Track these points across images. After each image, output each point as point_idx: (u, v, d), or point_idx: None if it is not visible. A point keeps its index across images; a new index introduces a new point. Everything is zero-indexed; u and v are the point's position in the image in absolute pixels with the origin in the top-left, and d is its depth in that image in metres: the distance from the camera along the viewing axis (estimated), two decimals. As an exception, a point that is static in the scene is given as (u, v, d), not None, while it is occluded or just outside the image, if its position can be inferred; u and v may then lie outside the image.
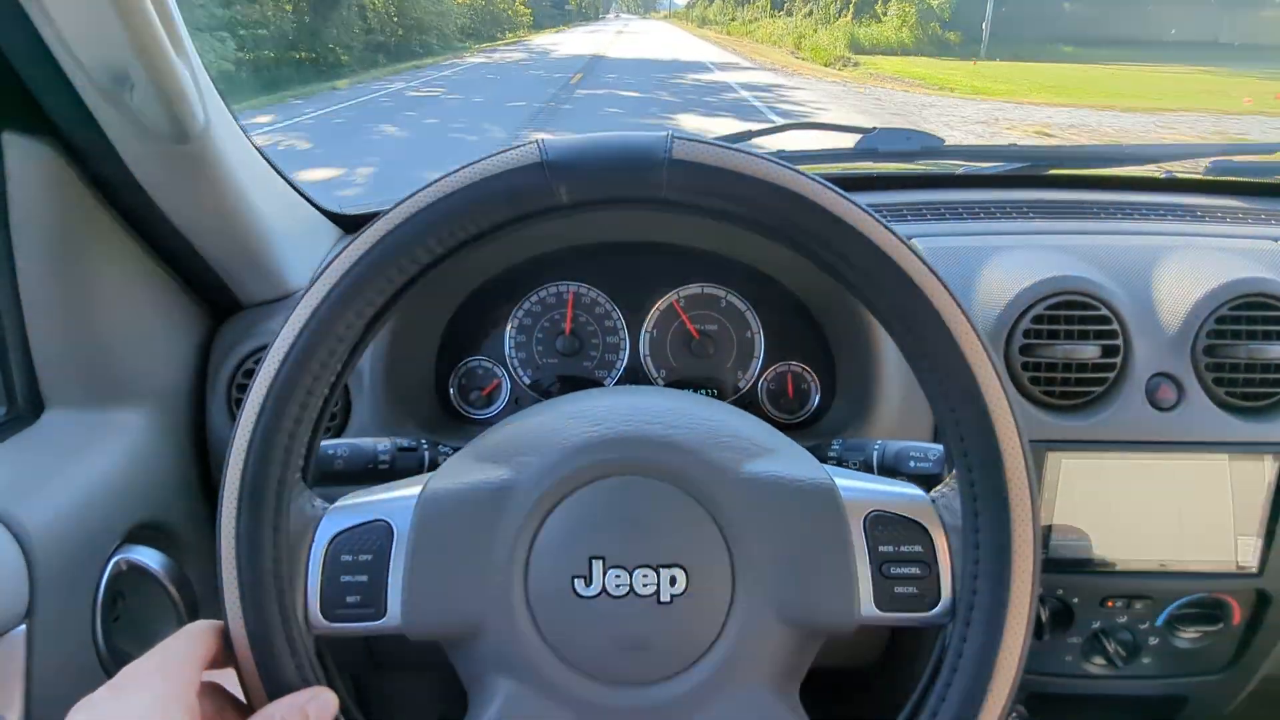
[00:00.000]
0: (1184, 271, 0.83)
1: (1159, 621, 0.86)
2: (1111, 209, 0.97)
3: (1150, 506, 0.82)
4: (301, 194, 0.91)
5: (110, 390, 0.72)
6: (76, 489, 0.65)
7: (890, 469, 0.65)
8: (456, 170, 0.45)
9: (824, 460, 0.63)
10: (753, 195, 0.45)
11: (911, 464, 0.64)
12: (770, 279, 0.89)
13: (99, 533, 0.66)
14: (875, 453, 0.67)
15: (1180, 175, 1.07)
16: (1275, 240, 0.89)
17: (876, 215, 0.45)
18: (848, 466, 0.68)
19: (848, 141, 1.06)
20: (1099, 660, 0.87)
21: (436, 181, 0.45)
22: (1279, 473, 0.81)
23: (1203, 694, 0.90)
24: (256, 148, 0.81)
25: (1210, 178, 1.04)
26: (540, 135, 0.48)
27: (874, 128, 1.06)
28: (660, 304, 0.92)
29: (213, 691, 0.46)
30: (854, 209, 0.45)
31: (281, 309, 0.85)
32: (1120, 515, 0.83)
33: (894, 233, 0.45)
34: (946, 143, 1.05)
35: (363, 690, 1.00)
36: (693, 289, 0.91)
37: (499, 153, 0.45)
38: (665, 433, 0.49)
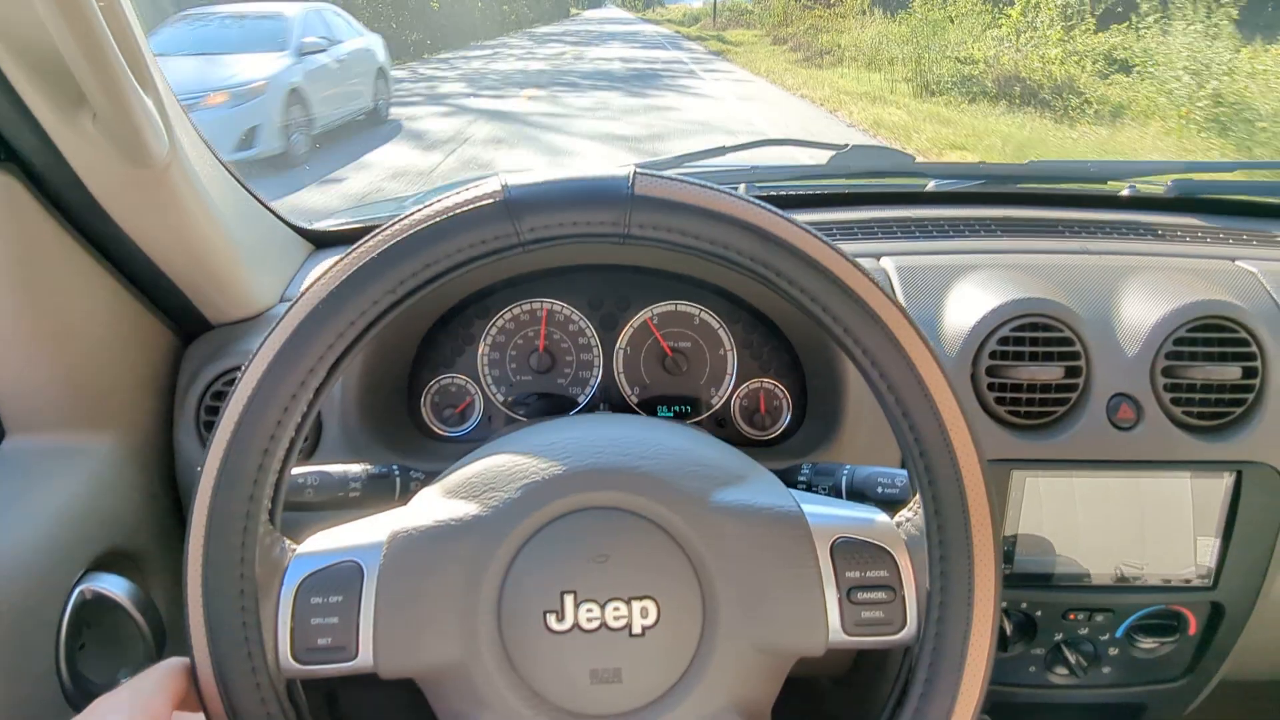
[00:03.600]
0: (1144, 293, 0.85)
1: (1119, 633, 0.88)
2: (1076, 227, 0.99)
3: (1111, 523, 0.84)
4: (270, 210, 0.90)
5: (73, 415, 0.71)
6: (37, 517, 0.64)
7: (858, 494, 0.66)
8: (420, 209, 0.45)
9: (793, 484, 0.64)
10: (717, 232, 0.45)
11: (879, 490, 0.65)
12: (741, 300, 0.90)
13: (61, 561, 0.65)
14: (844, 478, 0.68)
15: (1144, 194, 1.10)
16: (1233, 260, 0.91)
17: (847, 255, 0.46)
18: (817, 491, 0.69)
19: (821, 158, 1.07)
20: (1061, 670, 0.90)
21: (401, 219, 0.45)
22: (1232, 490, 0.83)
23: (1160, 701, 0.93)
24: (225, 166, 0.80)
25: (1172, 196, 1.07)
26: (505, 171, 0.49)
27: (847, 145, 1.07)
28: (634, 321, 0.92)
29: None
30: (822, 246, 0.46)
31: (252, 328, 0.84)
32: (1082, 531, 0.85)
33: (859, 268, 0.46)
34: (917, 160, 1.06)
35: (337, 707, 0.99)
36: (666, 306, 0.92)
37: (462, 189, 0.45)
38: (634, 464, 0.49)
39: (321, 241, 0.97)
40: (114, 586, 0.68)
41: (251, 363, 0.45)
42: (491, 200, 0.45)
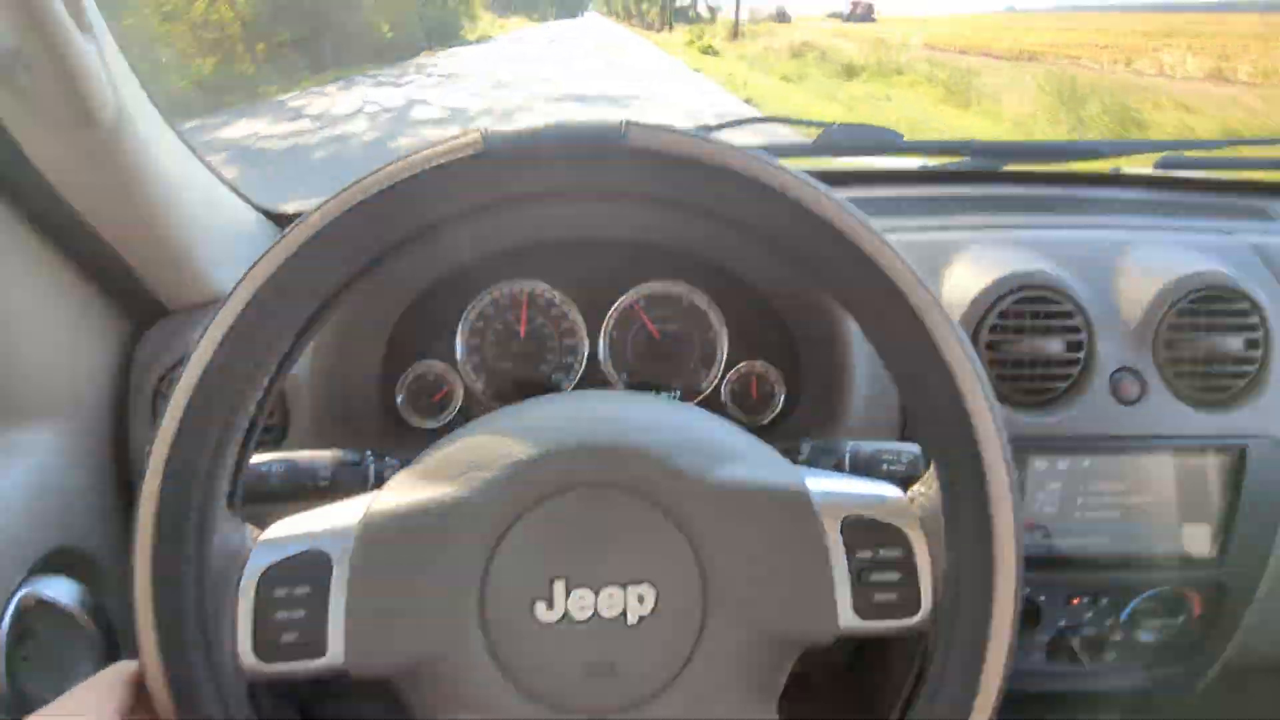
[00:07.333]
0: (1142, 265, 0.84)
1: (1123, 617, 0.86)
2: (1068, 204, 0.97)
3: (1114, 501, 0.82)
4: (233, 189, 0.84)
5: (12, 406, 0.65)
6: None
7: (863, 473, 0.63)
8: (392, 162, 0.41)
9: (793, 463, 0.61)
10: (715, 185, 0.42)
11: (885, 466, 0.63)
12: (733, 275, 0.87)
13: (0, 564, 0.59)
14: (848, 455, 0.64)
15: (1130, 171, 1.08)
16: (1229, 235, 0.90)
17: (854, 210, 0.43)
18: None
19: (806, 137, 1.04)
20: (1065, 658, 0.87)
21: (370, 175, 0.41)
22: (1237, 465, 0.81)
23: (1165, 685, 0.91)
24: (181, 138, 0.75)
25: (1160, 173, 1.06)
26: (485, 124, 0.45)
27: (833, 123, 1.04)
28: (620, 304, 0.88)
29: None
30: (826, 200, 0.43)
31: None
32: (1086, 511, 0.82)
33: (869, 226, 0.43)
34: (905, 138, 1.04)
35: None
36: (653, 288, 0.88)
37: (439, 142, 0.42)
38: (627, 440, 0.46)
39: (287, 224, 0.92)
40: (59, 591, 0.62)
41: (212, 323, 0.41)
42: (471, 153, 0.41)
